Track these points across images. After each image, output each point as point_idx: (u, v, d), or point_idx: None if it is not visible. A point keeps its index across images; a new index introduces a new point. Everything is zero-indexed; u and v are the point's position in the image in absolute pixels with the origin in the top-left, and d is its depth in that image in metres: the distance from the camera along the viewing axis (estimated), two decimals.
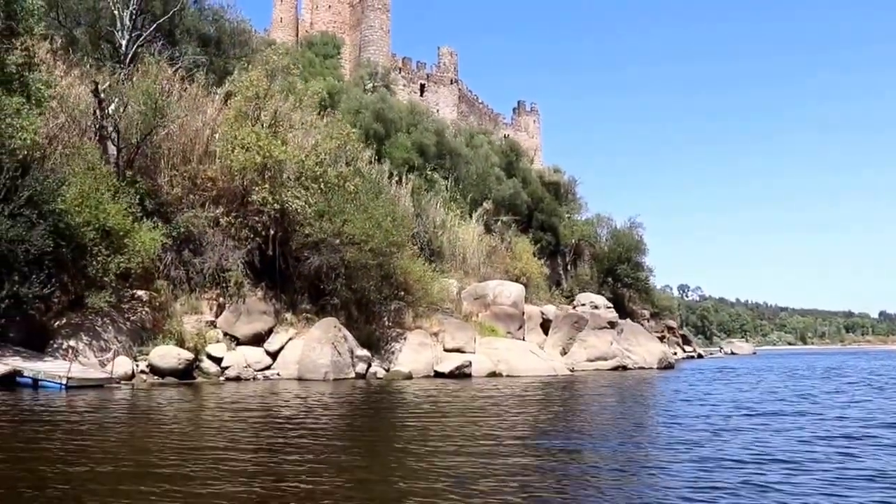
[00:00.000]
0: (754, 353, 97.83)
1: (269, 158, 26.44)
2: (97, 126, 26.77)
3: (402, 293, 30.16)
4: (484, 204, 48.48)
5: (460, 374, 28.02)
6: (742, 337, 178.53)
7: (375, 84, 60.98)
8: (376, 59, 65.52)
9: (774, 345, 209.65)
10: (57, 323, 23.83)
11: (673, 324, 68.29)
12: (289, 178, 27.38)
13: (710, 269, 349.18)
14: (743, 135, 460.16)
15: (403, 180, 38.49)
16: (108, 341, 24.26)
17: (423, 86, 69.98)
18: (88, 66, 29.96)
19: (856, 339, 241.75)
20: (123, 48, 28.57)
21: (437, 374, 28.21)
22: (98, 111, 26.48)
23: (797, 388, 24.55)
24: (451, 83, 72.96)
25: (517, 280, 41.60)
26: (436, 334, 30.27)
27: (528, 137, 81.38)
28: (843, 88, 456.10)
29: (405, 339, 29.17)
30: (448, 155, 49.18)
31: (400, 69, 68.35)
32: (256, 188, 26.90)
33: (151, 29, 29.78)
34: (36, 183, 21.84)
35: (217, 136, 29.08)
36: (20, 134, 22.06)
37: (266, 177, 27.02)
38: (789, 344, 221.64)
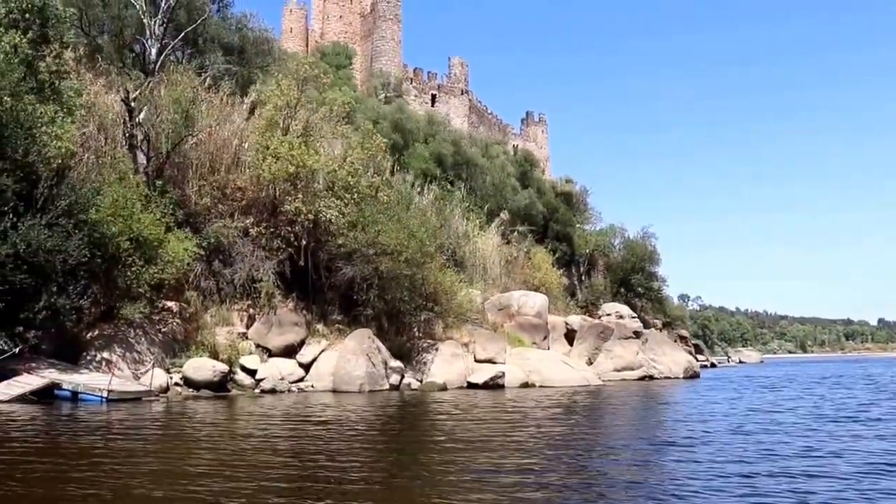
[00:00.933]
0: (762, 362, 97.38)
1: (302, 168, 25.94)
2: (127, 135, 26.27)
3: (432, 304, 29.60)
4: (501, 214, 48.02)
5: (494, 385, 27.48)
6: (743, 345, 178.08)
7: (388, 94, 60.65)
8: (388, 69, 65.21)
9: (775, 353, 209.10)
10: (89, 334, 23.29)
11: (685, 333, 67.67)
12: (320, 187, 26.85)
13: (710, 279, 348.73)
14: (740, 144, 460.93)
15: (425, 190, 38.01)
16: (142, 353, 23.72)
17: (434, 96, 69.62)
18: (114, 74, 29.52)
19: (855, 347, 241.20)
20: (153, 56, 28.06)
21: (470, 385, 27.66)
22: (128, 120, 25.97)
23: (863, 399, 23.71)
24: (462, 94, 72.63)
25: (536, 290, 41.05)
26: (466, 345, 29.75)
27: (536, 148, 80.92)
28: (848, 97, 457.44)
29: (437, 349, 28.63)
30: (465, 165, 48.74)
31: (411, 80, 68.01)
32: (289, 198, 26.40)
33: (180, 37, 29.32)
34: (72, 192, 21.34)
35: (246, 145, 28.61)
36: (55, 143, 21.63)
37: (299, 186, 26.51)
38: (790, 352, 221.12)
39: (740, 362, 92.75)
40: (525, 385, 28.26)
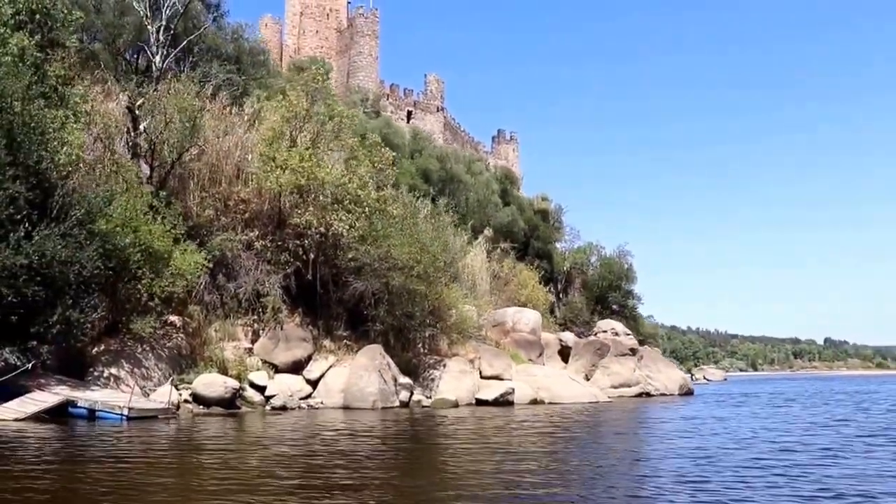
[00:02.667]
0: (725, 380, 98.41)
1: (313, 180, 25.25)
2: (130, 143, 25.31)
3: (437, 320, 29.02)
4: (485, 231, 47.67)
5: (504, 401, 27.00)
6: (695, 364, 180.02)
7: (366, 110, 60.06)
8: (365, 84, 64.68)
9: (727, 371, 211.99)
10: (95, 350, 22.23)
11: (658, 352, 67.94)
12: (329, 200, 26.15)
13: (663, 299, 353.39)
14: (693, 167, 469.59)
15: (418, 205, 37.47)
16: (150, 369, 22.74)
17: (410, 112, 69.20)
18: (110, 82, 28.50)
19: (803, 366, 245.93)
20: (158, 63, 27.13)
21: (479, 402, 27.13)
22: (131, 128, 25.03)
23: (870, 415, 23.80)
24: (438, 111, 72.38)
25: (523, 307, 40.75)
26: (472, 361, 29.20)
27: (507, 166, 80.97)
28: (808, 119, 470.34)
29: (444, 366, 28.06)
30: (450, 181, 48.36)
31: (387, 96, 67.54)
32: (299, 210, 25.67)
33: (183, 44, 28.43)
34: (85, 202, 20.37)
35: (250, 156, 27.82)
36: (65, 149, 20.68)
37: (309, 199, 25.80)
38: (741, 370, 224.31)
39: (706, 380, 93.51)
40: (534, 402, 27.83)
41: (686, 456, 12.31)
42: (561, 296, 60.26)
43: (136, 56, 31.69)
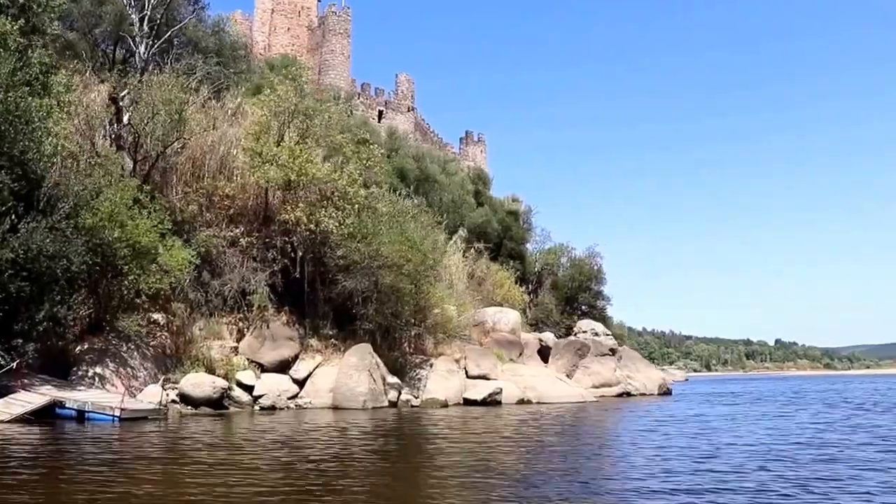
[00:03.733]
0: (687, 380, 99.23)
1: (303, 176, 24.53)
2: (113, 135, 24.33)
3: (423, 319, 28.48)
4: (459, 231, 47.17)
5: (492, 401, 26.54)
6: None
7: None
8: (337, 83, 63.64)
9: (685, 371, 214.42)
10: (78, 348, 21.25)
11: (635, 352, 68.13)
12: (318, 197, 25.47)
13: (617, 301, 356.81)
14: (645, 172, 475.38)
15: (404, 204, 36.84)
16: (135, 368, 21.85)
17: (381, 112, 68.35)
18: (88, 73, 27.43)
19: (755, 366, 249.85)
20: (142, 54, 26.11)
21: (467, 402, 26.64)
22: (115, 120, 24.06)
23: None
24: (409, 111, 71.66)
25: (502, 307, 40.38)
26: (457, 361, 28.70)
27: (475, 167, 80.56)
28: (767, 126, 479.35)
29: (431, 365, 27.52)
30: (425, 181, 47.76)
31: (359, 95, 66.62)
32: (288, 207, 24.93)
33: (168, 34, 27.41)
34: (72, 195, 19.44)
35: (235, 151, 26.99)
36: (49, 139, 19.71)
37: (298, 195, 25.09)
38: (695, 371, 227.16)
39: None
40: (521, 401, 27.44)
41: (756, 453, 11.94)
42: (532, 296, 59.98)
43: (113, 47, 30.51)
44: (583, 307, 59.74)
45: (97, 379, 20.54)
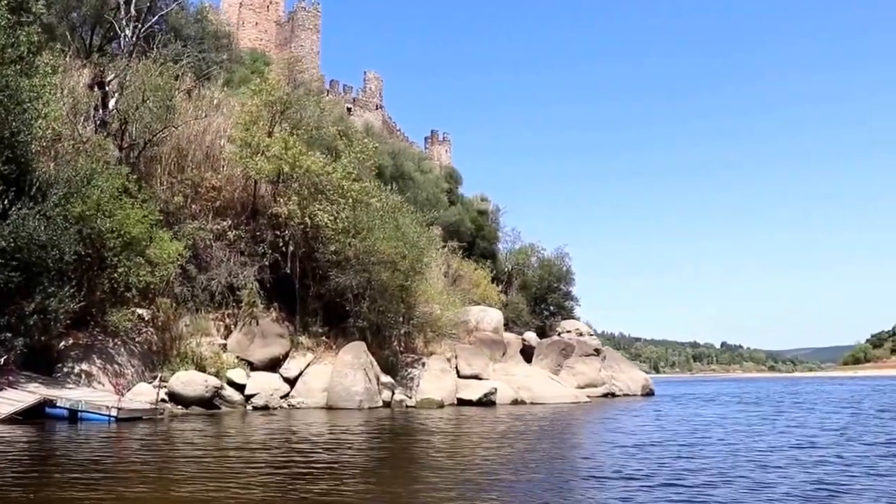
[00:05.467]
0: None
1: (298, 168, 23.53)
2: (97, 122, 23.02)
3: (413, 317, 27.67)
4: (435, 229, 46.41)
5: (487, 401, 25.84)
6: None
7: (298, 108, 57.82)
8: (304, 79, 62.31)
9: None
10: (63, 344, 19.93)
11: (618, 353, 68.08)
12: (311, 190, 24.48)
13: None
14: (597, 175, 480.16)
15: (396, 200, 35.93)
16: (123, 365, 20.60)
17: (349, 109, 67.09)
18: (68, 57, 25.99)
19: (702, 369, 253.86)
20: (128, 37, 24.76)
21: (461, 402, 25.90)
22: (101, 105, 22.77)
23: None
24: (377, 108, 70.64)
25: (485, 306, 39.73)
26: (448, 360, 27.94)
27: (447, 165, 79.84)
28: (727, 130, 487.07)
29: (423, 364, 26.70)
30: (400, 178, 46.87)
31: (328, 91, 65.35)
32: (281, 199, 23.90)
33: (155, 19, 26.13)
34: (64, 181, 18.20)
35: (222, 141, 25.86)
36: (39, 122, 18.45)
37: (291, 188, 24.07)
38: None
39: None
40: (515, 402, 26.80)
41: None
42: (503, 296, 59.47)
43: (91, 32, 29.07)
44: (551, 307, 59.46)
45: (83, 376, 19.27)
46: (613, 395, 34.03)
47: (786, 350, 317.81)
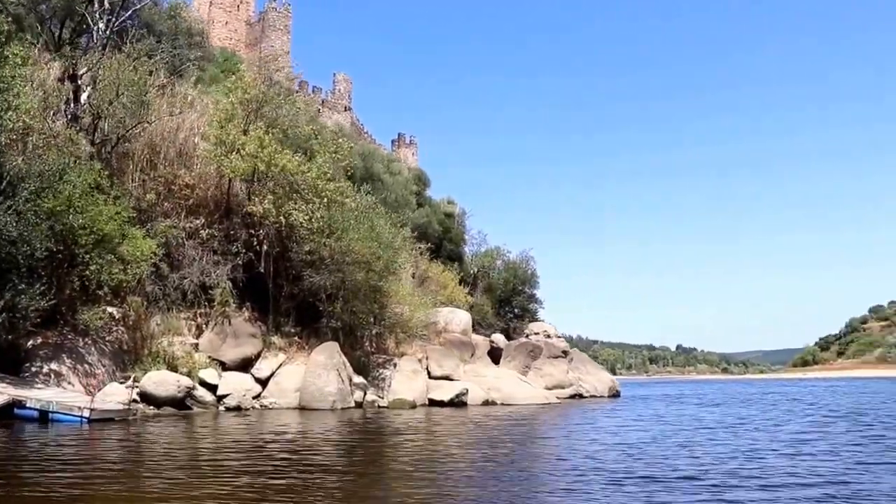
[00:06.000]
0: None
1: (274, 167, 23.04)
2: (69, 116, 22.28)
3: (384, 317, 27.31)
4: (403, 231, 46.06)
5: (459, 402, 25.59)
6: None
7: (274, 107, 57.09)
8: (277, 79, 61.50)
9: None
10: (31, 343, 19.19)
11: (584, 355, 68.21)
12: (287, 189, 24.01)
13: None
14: (555, 178, 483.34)
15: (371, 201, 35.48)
16: (93, 365, 19.94)
17: (318, 110, 66.46)
18: (37, 50, 25.17)
19: (658, 371, 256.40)
20: (101, 30, 24.00)
21: (433, 403, 25.58)
22: (73, 99, 22.04)
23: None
24: (345, 110, 70.05)
25: (454, 308, 39.45)
26: (419, 361, 27.62)
27: (415, 168, 79.42)
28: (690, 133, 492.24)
29: (394, 365, 26.34)
30: (370, 179, 46.42)
31: (297, 92, 64.53)
32: (256, 198, 23.37)
33: (129, 13, 25.42)
34: (36, 175, 17.53)
35: (197, 139, 25.25)
36: (9, 114, 17.76)
37: (266, 186, 23.57)
38: None
39: None
40: (486, 402, 26.56)
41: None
42: (469, 297, 59.28)
43: (60, 25, 28.23)
44: (516, 309, 59.45)
45: (53, 376, 18.59)
46: (581, 396, 33.98)
47: (738, 353, 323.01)
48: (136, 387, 19.55)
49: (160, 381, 20.05)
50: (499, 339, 36.00)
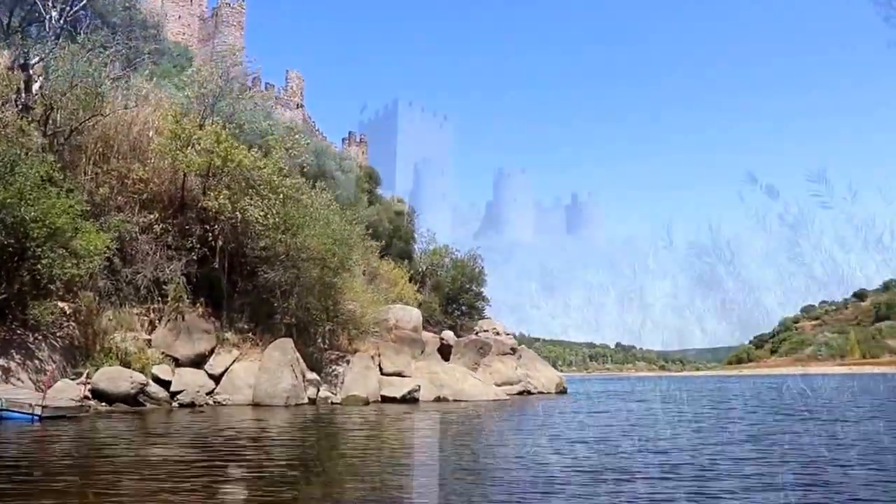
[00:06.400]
0: None
1: (230, 162, 22.70)
2: (20, 106, 21.58)
3: (337, 314, 27.13)
4: (357, 228, 45.83)
5: (411, 398, 25.60)
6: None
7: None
8: (233, 74, 60.54)
9: None
10: None
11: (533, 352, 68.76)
12: (243, 185, 23.68)
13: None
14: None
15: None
16: (43, 361, 19.38)
17: (272, 107, 65.61)
18: None
19: (598, 368, 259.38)
20: (55, 20, 23.27)
21: (385, 399, 25.53)
22: (25, 89, 21.36)
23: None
24: (298, 107, 69.28)
25: (403, 305, 39.39)
26: (372, 357, 27.52)
27: (366, 166, 79.04)
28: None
29: (348, 362, 26.20)
30: (322, 176, 46.07)
31: (250, 88, 63.60)
32: (211, 193, 22.99)
33: (81, 5, 24.68)
34: None
35: (151, 132, 24.72)
36: None
37: (222, 182, 23.20)
38: None
39: None
40: (438, 399, 26.64)
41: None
42: (418, 295, 59.28)
43: (10, 12, 27.33)
44: (463, 307, 59.66)
45: (1, 372, 18.03)
46: (529, 392, 34.29)
47: (674, 351, 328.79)
48: (89, 383, 19.16)
49: (113, 378, 19.60)
50: (449, 335, 36.04)
